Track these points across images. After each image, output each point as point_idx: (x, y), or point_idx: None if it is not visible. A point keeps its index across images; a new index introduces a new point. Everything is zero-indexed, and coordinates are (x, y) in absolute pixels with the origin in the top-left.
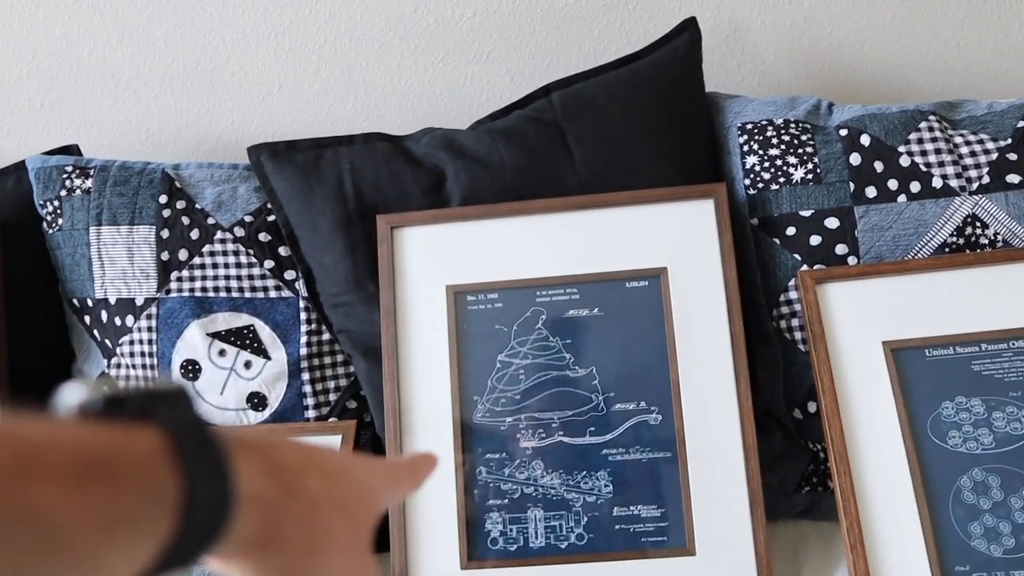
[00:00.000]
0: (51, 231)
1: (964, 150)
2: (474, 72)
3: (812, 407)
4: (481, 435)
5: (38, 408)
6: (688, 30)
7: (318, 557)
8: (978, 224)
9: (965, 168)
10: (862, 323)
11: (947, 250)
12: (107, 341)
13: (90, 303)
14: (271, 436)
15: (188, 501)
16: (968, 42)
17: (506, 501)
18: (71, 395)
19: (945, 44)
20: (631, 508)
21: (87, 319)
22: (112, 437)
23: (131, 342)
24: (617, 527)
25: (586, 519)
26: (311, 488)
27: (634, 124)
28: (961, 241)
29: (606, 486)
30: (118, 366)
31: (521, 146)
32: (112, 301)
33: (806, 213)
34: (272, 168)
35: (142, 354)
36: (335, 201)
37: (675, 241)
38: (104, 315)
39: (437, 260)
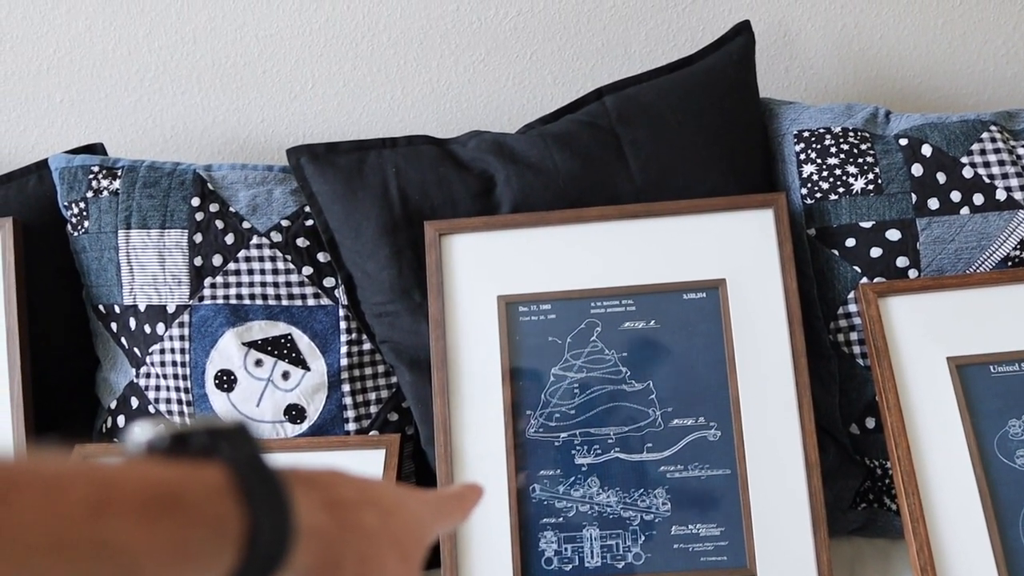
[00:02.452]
0: (76, 234)
1: None
2: (516, 73)
3: (871, 423)
4: (535, 451)
5: (59, 416)
6: (742, 34)
7: None
8: None
9: None
10: (926, 338)
11: (1009, 264)
12: (136, 349)
13: (117, 309)
14: (328, 470)
15: (251, 534)
16: (1019, 50)
17: (561, 519)
18: (139, 433)
19: (995, 52)
20: (690, 527)
21: (114, 326)
22: (179, 473)
23: (162, 351)
24: (675, 546)
25: (643, 538)
26: (366, 522)
27: (690, 131)
28: None
29: (664, 504)
30: (147, 375)
31: (575, 152)
32: (141, 308)
33: (867, 224)
34: (313, 171)
35: (173, 363)
36: (380, 206)
37: (734, 252)
38: (132, 322)
39: (488, 269)
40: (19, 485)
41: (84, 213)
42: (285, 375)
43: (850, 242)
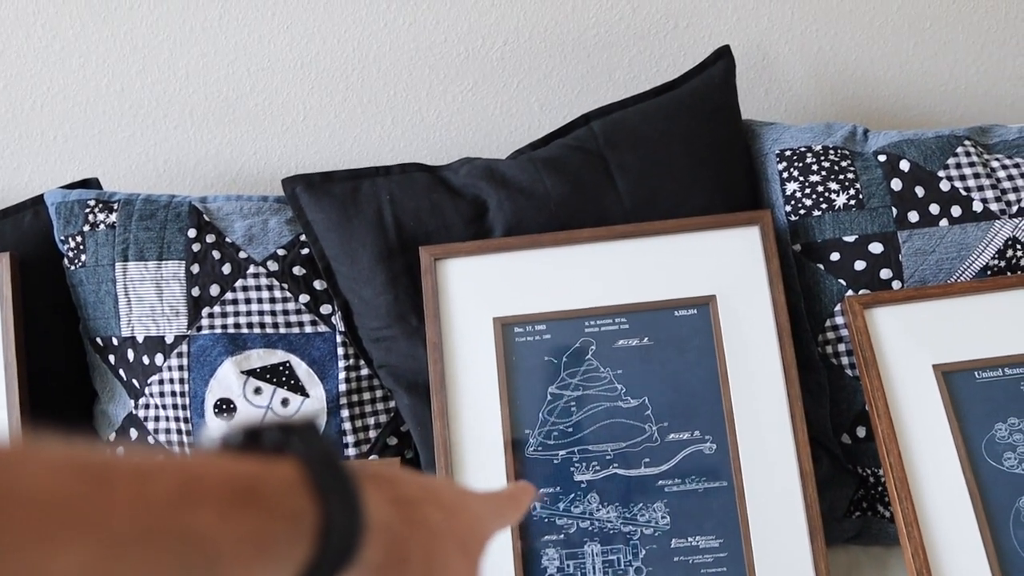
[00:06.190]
0: (73, 267)
1: (1002, 174)
2: (504, 102)
3: (861, 432)
4: (534, 469)
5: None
6: (723, 58)
7: None
8: (1019, 247)
9: (1004, 192)
10: (912, 347)
11: (989, 273)
12: (134, 381)
13: (115, 341)
14: (389, 468)
15: (325, 527)
16: (988, 68)
17: (562, 536)
18: (213, 430)
19: (966, 70)
20: (689, 539)
21: (111, 358)
22: (256, 467)
23: (160, 381)
24: (676, 559)
25: (644, 552)
26: (431, 519)
27: (676, 152)
28: (1003, 264)
29: (663, 518)
30: (146, 407)
31: (565, 175)
32: (140, 339)
33: (850, 239)
34: (308, 200)
35: (173, 394)
36: (375, 233)
37: (722, 268)
38: (131, 354)
39: (483, 292)
40: (112, 473)
41: (81, 247)
42: (284, 402)
43: (834, 256)
